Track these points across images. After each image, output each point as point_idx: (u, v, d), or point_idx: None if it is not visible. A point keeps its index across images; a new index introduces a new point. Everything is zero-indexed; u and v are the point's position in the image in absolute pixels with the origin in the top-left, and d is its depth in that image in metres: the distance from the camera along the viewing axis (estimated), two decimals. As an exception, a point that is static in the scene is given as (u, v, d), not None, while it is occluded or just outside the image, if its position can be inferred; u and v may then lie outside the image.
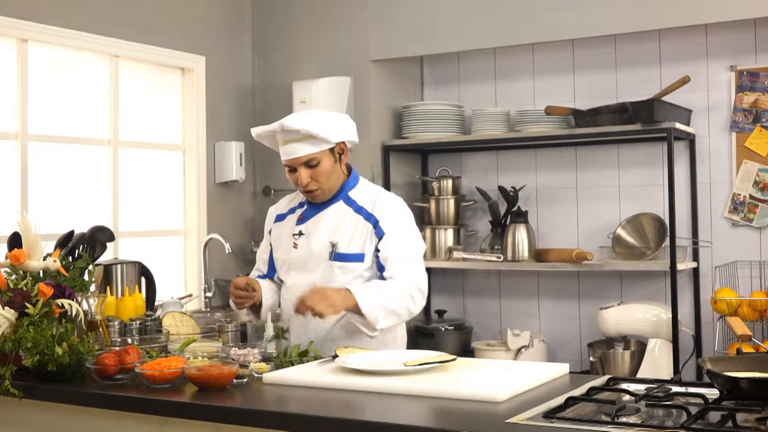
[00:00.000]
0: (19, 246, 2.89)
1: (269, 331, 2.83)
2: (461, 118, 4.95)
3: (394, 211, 3.04)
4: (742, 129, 4.48)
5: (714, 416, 2.01)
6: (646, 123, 4.27)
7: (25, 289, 2.74)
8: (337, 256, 3.01)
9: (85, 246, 3.33)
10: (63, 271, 2.90)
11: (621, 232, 4.64)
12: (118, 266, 3.68)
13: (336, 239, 3.02)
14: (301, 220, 3.12)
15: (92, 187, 4.47)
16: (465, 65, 5.17)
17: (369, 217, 3.02)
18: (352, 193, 3.09)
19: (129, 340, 2.84)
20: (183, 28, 4.89)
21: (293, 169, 3.01)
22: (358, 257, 3.01)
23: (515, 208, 4.79)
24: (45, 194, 4.23)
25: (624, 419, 2.00)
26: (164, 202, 4.88)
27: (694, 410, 2.00)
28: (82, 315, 2.80)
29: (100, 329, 2.90)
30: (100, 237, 3.41)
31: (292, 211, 3.20)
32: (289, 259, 3.11)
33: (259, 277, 3.24)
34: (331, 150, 3.00)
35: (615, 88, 4.76)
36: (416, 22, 4.87)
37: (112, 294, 3.34)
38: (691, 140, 4.55)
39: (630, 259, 4.51)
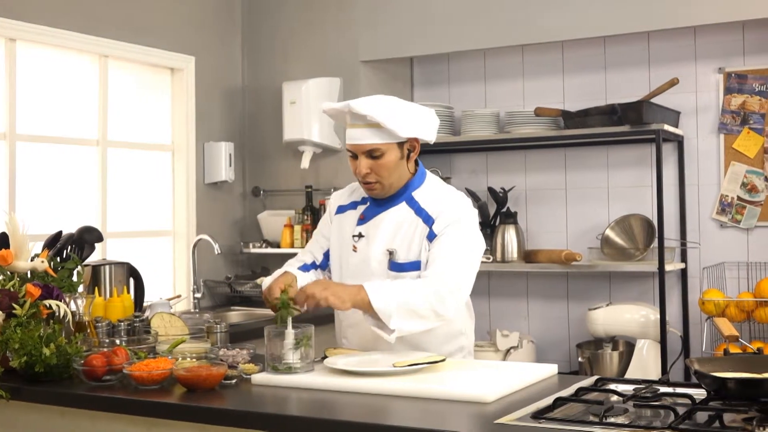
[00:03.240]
0: (7, 246, 2.89)
1: (290, 339, 2.53)
2: (451, 119, 4.95)
3: (453, 213, 2.75)
4: (730, 131, 4.50)
5: (701, 416, 2.02)
6: (635, 124, 4.28)
7: (12, 289, 2.73)
8: (393, 266, 2.76)
9: (73, 246, 3.32)
10: (51, 271, 2.90)
11: (610, 233, 4.65)
12: (107, 267, 3.67)
13: (394, 246, 2.77)
14: (362, 220, 2.85)
15: (81, 188, 4.45)
16: (455, 66, 5.18)
17: (428, 220, 2.75)
18: (417, 194, 2.81)
19: (117, 341, 2.83)
20: (172, 29, 4.88)
21: (355, 156, 2.75)
22: (415, 265, 2.74)
23: (504, 209, 4.80)
24: (33, 194, 4.21)
25: (612, 420, 2.01)
26: (153, 203, 4.87)
27: (681, 410, 2.00)
28: (69, 316, 2.79)
29: (88, 330, 2.89)
30: (88, 237, 3.40)
31: (353, 205, 2.92)
32: (348, 264, 2.85)
33: (303, 267, 2.93)
34: (400, 144, 2.74)
35: (604, 90, 4.77)
36: (406, 23, 4.87)
37: (100, 295, 3.33)
38: (679, 142, 4.57)
39: (619, 260, 4.52)
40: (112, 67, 4.60)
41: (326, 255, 2.97)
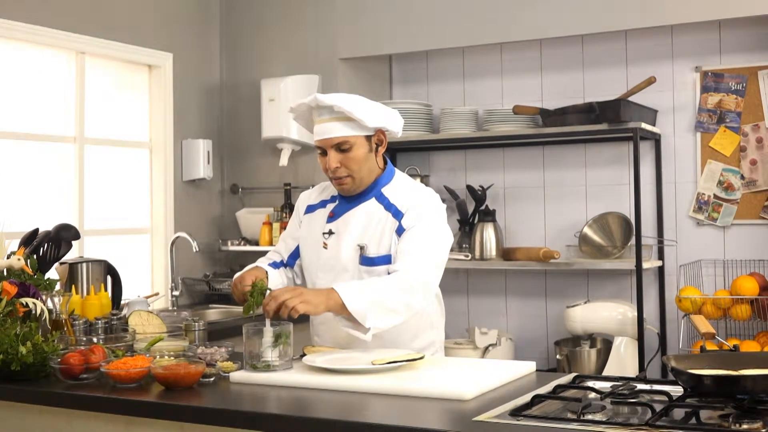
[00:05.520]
0: (-17, 244, 2.86)
1: (268, 336, 2.52)
2: (430, 117, 4.95)
3: (421, 208, 2.80)
4: (706, 129, 4.53)
5: (678, 413, 2.03)
6: (613, 123, 4.30)
7: (-12, 287, 2.71)
8: (365, 261, 2.77)
9: (50, 244, 3.30)
10: (27, 269, 2.87)
11: (587, 231, 4.67)
12: (84, 265, 3.65)
13: (364, 241, 2.78)
14: (332, 218, 2.87)
15: (58, 185, 4.42)
16: (433, 64, 5.18)
17: (397, 214, 2.78)
18: (386, 190, 2.85)
19: (94, 339, 2.81)
20: (150, 25, 4.85)
21: (324, 152, 2.77)
22: (386, 259, 2.76)
23: (483, 207, 4.81)
24: (9, 191, 4.17)
25: (590, 417, 2.01)
26: (131, 200, 4.84)
27: (658, 407, 2.02)
28: (46, 314, 2.77)
29: (65, 328, 2.87)
30: (65, 235, 3.38)
31: (323, 204, 2.94)
32: (319, 261, 2.86)
33: (273, 264, 2.98)
34: (368, 138, 2.78)
35: (582, 88, 4.79)
36: (385, 21, 4.87)
37: (77, 293, 3.30)
38: (656, 140, 4.60)
39: (596, 257, 4.55)
40: (89, 63, 4.57)
41: (292, 255, 3.01)
